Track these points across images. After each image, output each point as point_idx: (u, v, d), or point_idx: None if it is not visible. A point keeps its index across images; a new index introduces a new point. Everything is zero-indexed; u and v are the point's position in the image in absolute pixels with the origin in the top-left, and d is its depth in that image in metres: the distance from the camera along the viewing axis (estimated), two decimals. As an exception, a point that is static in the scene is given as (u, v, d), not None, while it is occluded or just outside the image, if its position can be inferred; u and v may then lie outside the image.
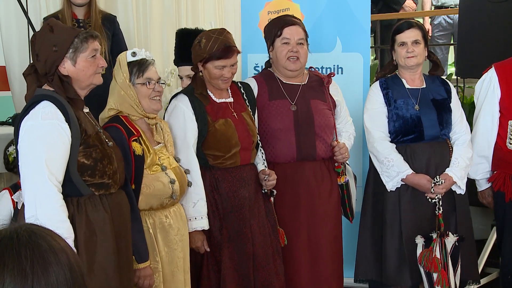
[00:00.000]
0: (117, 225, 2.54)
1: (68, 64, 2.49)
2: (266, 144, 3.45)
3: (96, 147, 2.49)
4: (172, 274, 2.93)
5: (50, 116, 2.39)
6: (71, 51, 2.48)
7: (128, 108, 2.87)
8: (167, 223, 2.91)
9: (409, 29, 3.53)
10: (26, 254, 1.18)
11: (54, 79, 2.46)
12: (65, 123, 2.40)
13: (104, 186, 2.51)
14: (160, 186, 2.87)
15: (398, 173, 3.48)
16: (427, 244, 3.43)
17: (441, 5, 6.64)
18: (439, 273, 3.40)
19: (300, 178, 3.44)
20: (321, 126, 3.46)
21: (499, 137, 3.62)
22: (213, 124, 3.18)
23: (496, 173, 3.66)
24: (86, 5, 3.99)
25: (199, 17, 4.96)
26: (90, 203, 2.47)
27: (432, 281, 3.43)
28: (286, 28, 3.44)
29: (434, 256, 3.40)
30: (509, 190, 3.57)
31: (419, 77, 3.62)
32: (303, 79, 3.55)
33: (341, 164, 3.51)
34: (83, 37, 2.50)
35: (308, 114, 3.45)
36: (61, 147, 2.39)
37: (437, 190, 3.45)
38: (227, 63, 3.15)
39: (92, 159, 2.47)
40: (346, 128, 3.62)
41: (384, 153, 3.52)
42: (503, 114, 3.62)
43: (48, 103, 2.41)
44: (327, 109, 3.52)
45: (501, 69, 3.64)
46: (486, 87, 3.66)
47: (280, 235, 3.38)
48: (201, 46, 3.16)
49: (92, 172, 2.47)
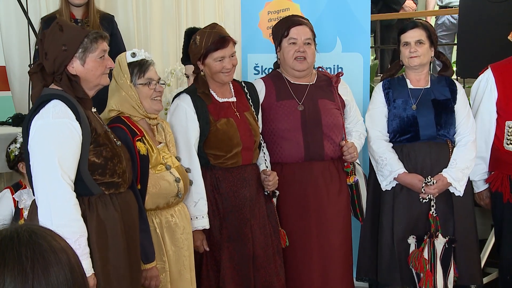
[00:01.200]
0: (127, 224, 2.55)
1: (77, 64, 2.49)
2: (274, 144, 3.44)
3: (106, 146, 2.50)
4: (180, 273, 2.94)
5: (61, 115, 2.38)
6: (81, 51, 2.48)
7: (130, 109, 2.87)
8: (173, 222, 2.92)
9: (413, 29, 3.52)
10: (27, 254, 1.18)
11: (62, 78, 2.46)
12: (76, 122, 2.40)
13: (114, 185, 2.52)
14: (166, 185, 2.88)
15: (391, 172, 3.48)
16: (419, 245, 3.43)
17: (446, 5, 6.63)
18: (425, 274, 3.39)
19: (308, 178, 3.42)
20: (329, 126, 3.45)
21: (496, 138, 3.62)
22: (215, 124, 3.18)
23: (493, 174, 3.65)
24: (84, 5, 4.00)
25: (199, 17, 4.96)
26: (100, 202, 2.48)
27: None
28: (293, 28, 3.43)
29: (421, 257, 3.40)
30: (507, 190, 3.57)
31: (425, 77, 3.61)
32: (311, 79, 3.55)
33: (350, 163, 3.49)
34: (93, 37, 2.50)
35: (316, 113, 3.44)
36: (72, 145, 2.39)
37: (428, 191, 3.44)
38: (225, 53, 3.15)
39: (102, 157, 2.47)
40: (357, 128, 3.59)
41: (379, 152, 3.53)
42: (500, 115, 3.61)
43: (58, 102, 2.40)
44: (336, 108, 3.51)
45: (497, 70, 3.64)
46: (483, 88, 3.66)
47: (281, 236, 3.37)
48: (196, 43, 3.17)
49: (103, 171, 2.48)
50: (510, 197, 3.57)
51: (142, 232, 2.68)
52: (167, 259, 2.88)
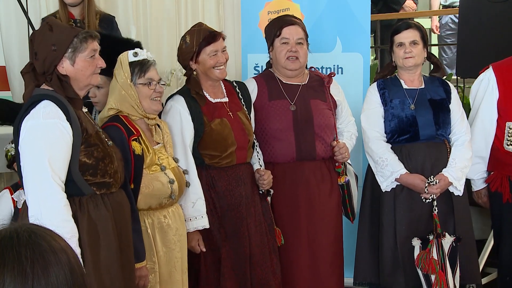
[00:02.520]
0: (119, 224, 2.54)
1: (67, 64, 2.48)
2: (266, 144, 3.45)
3: (97, 146, 2.49)
4: (170, 274, 2.92)
5: (51, 116, 2.38)
6: (70, 50, 2.47)
7: (129, 108, 2.87)
8: (166, 223, 2.91)
9: (407, 29, 3.52)
10: (26, 254, 1.18)
11: (52, 78, 2.45)
12: (67, 122, 2.40)
13: (105, 185, 2.51)
14: (159, 186, 2.87)
15: (392, 173, 3.47)
16: (424, 246, 3.41)
17: (449, 5, 6.62)
18: (437, 274, 3.37)
19: (299, 178, 3.44)
20: (321, 126, 3.46)
21: (496, 138, 3.61)
22: (209, 124, 3.19)
23: (493, 174, 3.65)
24: (80, 4, 3.99)
25: (199, 17, 4.95)
26: (92, 202, 2.47)
27: (430, 283, 3.40)
28: (285, 28, 3.44)
29: (431, 258, 3.38)
30: (506, 191, 3.57)
31: (418, 78, 3.61)
32: (303, 79, 3.56)
33: (341, 164, 3.51)
34: (82, 37, 2.49)
35: (308, 114, 3.45)
36: (63, 146, 2.38)
37: (431, 190, 3.44)
38: (218, 47, 3.18)
39: (93, 158, 2.47)
40: (348, 128, 3.61)
41: (378, 152, 3.52)
42: (500, 115, 3.60)
43: (49, 102, 2.40)
44: (327, 109, 3.52)
45: (499, 69, 3.62)
46: (484, 87, 3.64)
47: (277, 234, 3.38)
48: (187, 42, 3.20)
49: (94, 171, 2.47)
50: (509, 197, 3.57)
51: (133, 232, 2.67)
52: (158, 260, 2.87)
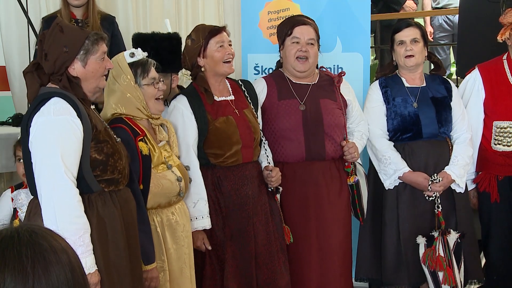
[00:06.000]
0: (126, 221, 2.55)
1: (78, 65, 2.48)
2: (275, 144, 3.44)
3: (106, 142, 2.50)
4: (181, 271, 2.94)
5: (62, 112, 2.38)
6: (82, 52, 2.48)
7: (134, 110, 2.85)
8: (174, 220, 2.92)
9: (408, 27, 3.54)
10: (27, 253, 1.19)
11: (62, 79, 2.45)
12: (77, 119, 2.40)
13: (114, 181, 2.52)
14: (168, 184, 2.88)
15: (395, 171, 3.49)
16: (429, 244, 3.43)
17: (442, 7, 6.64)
18: (445, 271, 3.39)
19: (309, 177, 3.42)
20: (331, 126, 3.45)
21: (484, 138, 3.63)
22: (213, 123, 3.18)
23: (481, 174, 3.66)
24: (84, 5, 3.99)
25: (199, 17, 4.96)
26: (100, 200, 2.47)
27: (437, 280, 3.41)
28: (297, 28, 3.44)
29: (438, 255, 3.39)
30: (494, 190, 3.59)
31: (420, 76, 3.62)
32: (313, 79, 3.55)
33: (351, 163, 3.49)
34: (93, 39, 2.50)
35: (317, 113, 3.44)
36: (75, 142, 2.38)
37: (434, 188, 3.45)
38: (224, 39, 3.21)
39: (104, 154, 2.47)
40: (359, 128, 3.58)
41: (381, 150, 3.52)
42: (487, 115, 3.62)
43: (59, 99, 2.40)
44: (337, 108, 3.50)
45: (485, 70, 3.64)
46: (471, 88, 3.67)
47: (286, 232, 3.36)
48: (193, 39, 3.23)
49: (104, 167, 2.47)
50: (497, 197, 3.59)
51: (143, 233, 2.67)
52: (168, 257, 2.88)
